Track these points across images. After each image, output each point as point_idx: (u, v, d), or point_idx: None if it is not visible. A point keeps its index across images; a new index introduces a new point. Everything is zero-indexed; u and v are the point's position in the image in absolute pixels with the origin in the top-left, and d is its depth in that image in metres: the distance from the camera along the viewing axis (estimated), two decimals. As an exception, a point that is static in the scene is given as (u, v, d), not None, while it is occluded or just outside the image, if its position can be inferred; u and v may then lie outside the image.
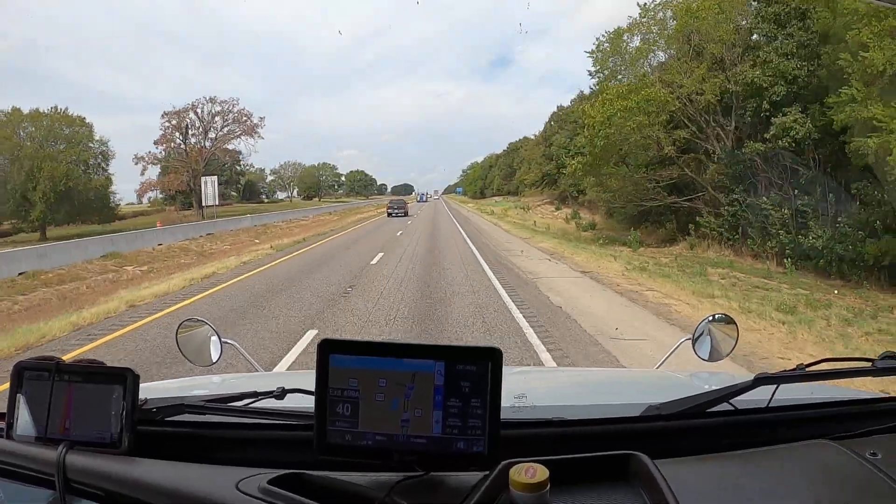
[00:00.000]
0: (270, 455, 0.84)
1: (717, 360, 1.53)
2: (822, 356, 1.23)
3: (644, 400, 1.00)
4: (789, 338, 5.68)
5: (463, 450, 0.70)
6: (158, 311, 7.49)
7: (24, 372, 0.81)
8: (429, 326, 6.12)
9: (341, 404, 0.71)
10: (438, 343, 0.81)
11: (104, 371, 0.82)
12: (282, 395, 0.94)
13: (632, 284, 8.83)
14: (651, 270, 10.60)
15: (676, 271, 11.10)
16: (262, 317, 6.80)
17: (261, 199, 74.86)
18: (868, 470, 0.75)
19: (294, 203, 78.07)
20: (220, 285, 9.55)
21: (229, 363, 2.70)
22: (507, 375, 0.74)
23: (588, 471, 0.73)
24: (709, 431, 0.92)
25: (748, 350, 4.93)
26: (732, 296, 8.06)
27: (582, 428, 0.90)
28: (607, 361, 4.76)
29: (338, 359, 0.72)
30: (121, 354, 5.34)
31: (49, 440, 0.79)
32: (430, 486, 0.72)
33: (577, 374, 2.55)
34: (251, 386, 0.99)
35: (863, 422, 0.92)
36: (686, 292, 8.15)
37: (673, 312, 6.81)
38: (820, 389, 1.21)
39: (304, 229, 26.72)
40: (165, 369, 4.63)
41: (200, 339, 1.57)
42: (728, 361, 2.55)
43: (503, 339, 5.49)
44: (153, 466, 0.76)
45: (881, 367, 0.91)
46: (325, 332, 5.82)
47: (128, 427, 0.79)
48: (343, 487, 0.71)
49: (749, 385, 0.90)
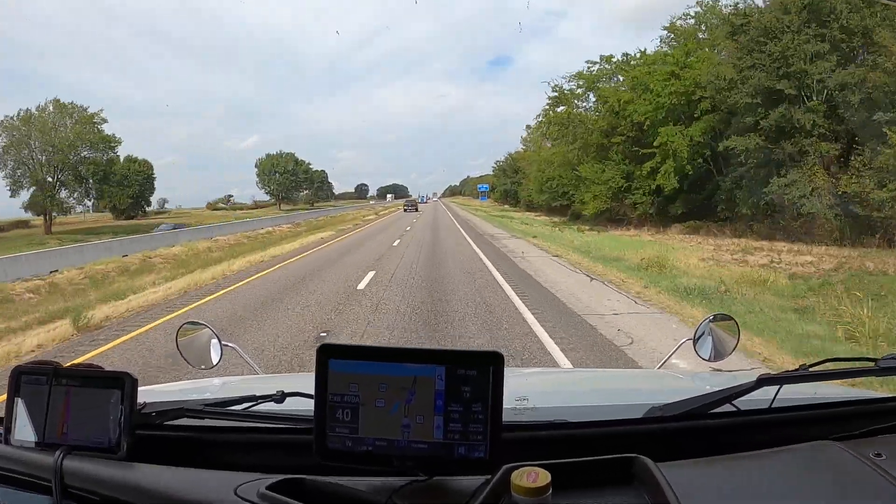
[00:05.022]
0: (270, 460, 0.84)
1: (719, 361, 1.52)
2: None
3: (646, 401, 0.99)
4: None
5: (464, 455, 0.70)
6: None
7: (21, 376, 0.81)
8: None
9: (341, 409, 0.71)
10: (439, 348, 0.80)
11: (102, 375, 0.81)
12: (281, 398, 0.93)
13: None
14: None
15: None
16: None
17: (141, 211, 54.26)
18: (872, 470, 0.74)
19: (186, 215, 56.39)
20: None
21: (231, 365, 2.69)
22: (508, 377, 0.73)
23: (590, 474, 0.72)
24: (712, 433, 0.92)
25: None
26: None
27: (584, 430, 0.89)
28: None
29: (337, 364, 0.71)
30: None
31: (47, 445, 0.78)
32: (431, 491, 0.71)
33: (578, 376, 2.54)
34: (251, 389, 0.98)
35: (866, 422, 0.91)
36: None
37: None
38: (823, 389, 1.20)
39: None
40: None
41: (201, 342, 1.56)
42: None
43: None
44: (151, 471, 0.75)
45: (884, 367, 0.91)
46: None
47: (126, 431, 0.78)
48: (343, 493, 0.70)
49: (752, 386, 0.89)
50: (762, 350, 4.97)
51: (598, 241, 17.21)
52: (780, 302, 7.79)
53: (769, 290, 8.76)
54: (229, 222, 33.02)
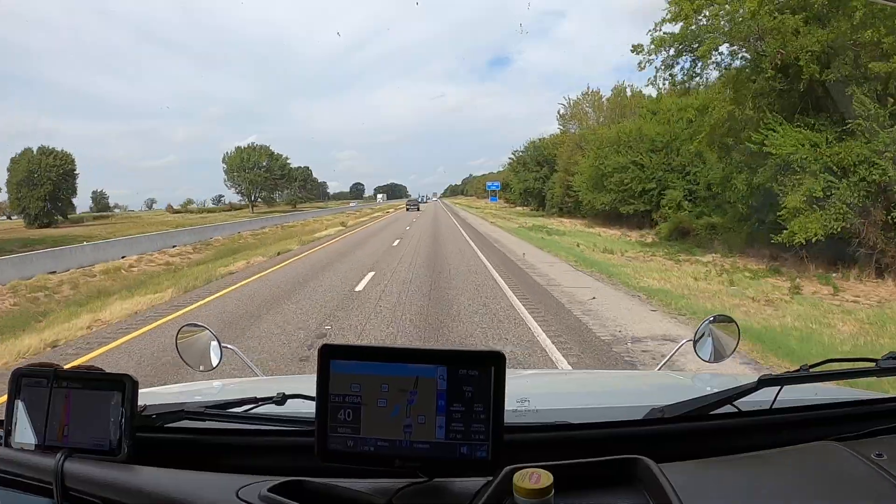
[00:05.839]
0: (271, 462, 0.83)
1: (719, 362, 1.52)
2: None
3: (647, 402, 0.99)
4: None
5: (466, 455, 0.69)
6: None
7: (22, 379, 0.80)
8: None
9: (343, 410, 0.70)
10: (441, 347, 0.80)
11: (103, 377, 0.81)
12: (282, 400, 0.93)
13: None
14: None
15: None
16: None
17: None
18: (873, 471, 0.74)
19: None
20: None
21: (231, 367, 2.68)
22: (510, 379, 0.73)
23: (592, 475, 0.72)
24: (713, 434, 0.92)
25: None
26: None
27: (585, 432, 0.89)
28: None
29: (339, 364, 0.71)
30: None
31: (47, 447, 0.78)
32: (433, 492, 0.71)
33: (579, 377, 2.55)
34: (251, 391, 0.98)
35: (867, 422, 0.91)
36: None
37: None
38: (824, 390, 1.20)
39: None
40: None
41: (200, 344, 1.56)
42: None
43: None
44: (152, 474, 0.75)
45: (885, 368, 0.91)
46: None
47: (127, 434, 0.78)
48: (344, 494, 0.70)
49: (753, 387, 0.89)
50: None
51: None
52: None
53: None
54: (127, 238, 20.15)
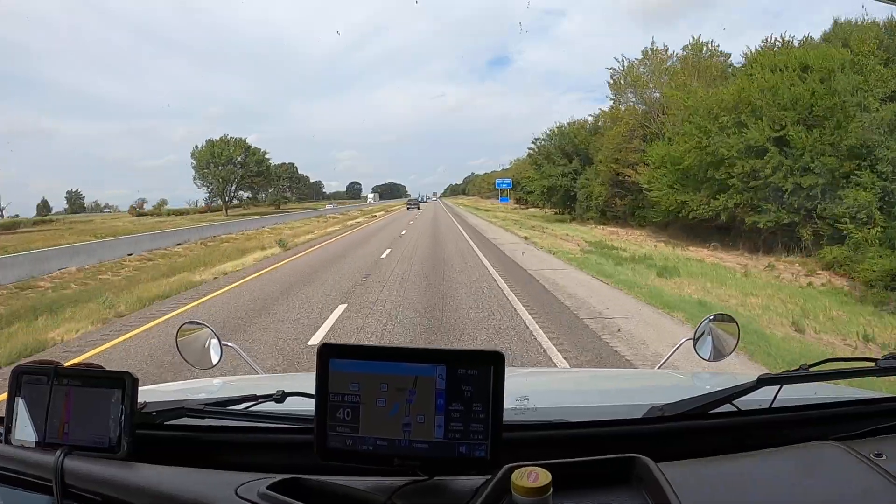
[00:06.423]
0: (270, 459, 0.84)
1: (719, 360, 1.52)
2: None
3: (647, 401, 0.99)
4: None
5: (465, 454, 0.70)
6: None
7: (22, 376, 0.81)
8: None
9: (342, 409, 0.70)
10: (440, 347, 0.80)
11: (103, 375, 0.81)
12: (282, 398, 0.93)
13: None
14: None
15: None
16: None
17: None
18: (872, 470, 0.74)
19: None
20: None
21: (231, 365, 2.68)
22: (509, 377, 0.73)
23: (591, 474, 0.72)
24: (712, 433, 0.92)
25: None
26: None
27: (584, 430, 0.89)
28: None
29: (338, 363, 0.71)
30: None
31: (47, 445, 0.78)
32: (432, 490, 0.71)
33: (578, 375, 2.55)
34: (251, 389, 0.98)
35: (866, 422, 0.91)
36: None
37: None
38: (823, 389, 1.20)
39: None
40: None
41: (200, 342, 1.56)
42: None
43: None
44: (152, 471, 0.75)
45: (884, 367, 0.91)
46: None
47: (126, 431, 0.78)
48: (343, 492, 0.70)
49: (752, 386, 0.89)
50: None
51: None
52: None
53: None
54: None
